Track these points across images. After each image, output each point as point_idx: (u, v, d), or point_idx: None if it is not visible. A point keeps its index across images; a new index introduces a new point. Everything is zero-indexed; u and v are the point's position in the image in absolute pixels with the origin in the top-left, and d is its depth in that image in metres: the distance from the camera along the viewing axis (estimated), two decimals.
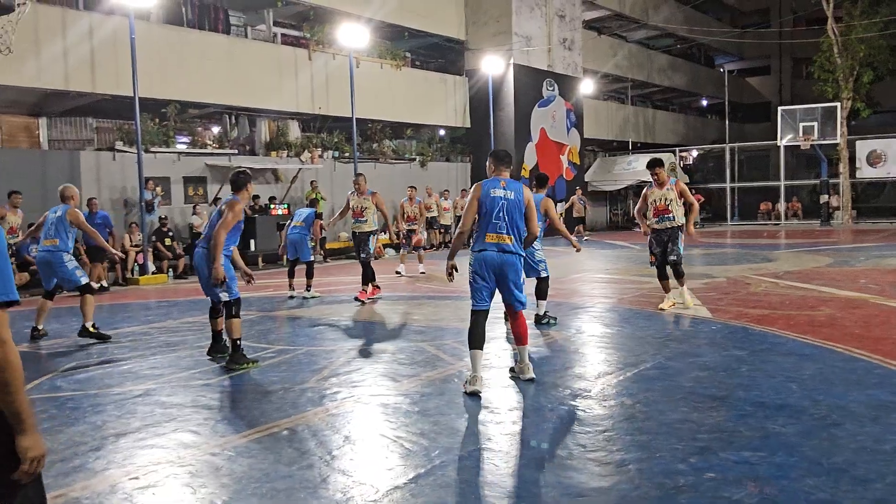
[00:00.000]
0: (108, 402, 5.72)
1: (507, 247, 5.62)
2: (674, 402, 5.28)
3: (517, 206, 5.67)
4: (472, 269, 5.71)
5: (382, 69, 21.91)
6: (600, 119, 31.62)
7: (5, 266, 2.06)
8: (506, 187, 5.68)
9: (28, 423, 2.06)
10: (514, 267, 5.65)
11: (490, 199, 5.64)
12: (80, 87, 15.38)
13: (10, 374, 2.01)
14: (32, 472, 2.09)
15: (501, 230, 5.61)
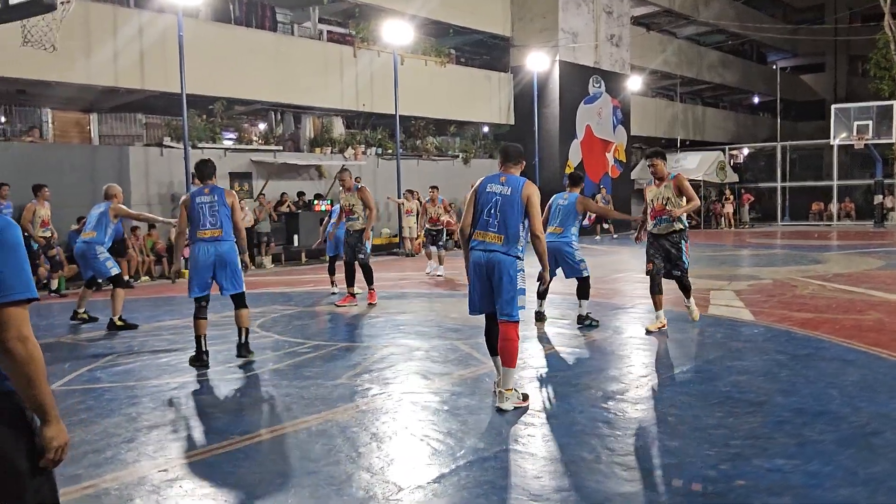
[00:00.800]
0: (145, 394, 5.82)
1: (493, 246, 5.18)
2: (709, 406, 5.17)
3: (512, 203, 5.20)
4: (469, 273, 5.34)
5: (427, 66, 21.92)
6: (648, 116, 31.20)
7: (25, 263, 2.09)
8: (504, 183, 5.28)
9: (51, 413, 2.11)
10: (503, 267, 5.14)
11: (485, 194, 5.28)
12: (130, 83, 15.69)
13: (34, 369, 2.05)
14: (57, 461, 2.14)
15: (491, 228, 5.20)
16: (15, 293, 2.03)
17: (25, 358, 2.02)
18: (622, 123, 27.81)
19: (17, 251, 2.06)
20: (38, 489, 2.12)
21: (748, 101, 41.89)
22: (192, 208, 6.86)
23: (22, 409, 2.09)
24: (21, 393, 2.06)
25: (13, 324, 2.02)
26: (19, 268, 2.06)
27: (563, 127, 25.01)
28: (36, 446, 2.10)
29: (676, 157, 30.82)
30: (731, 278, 12.52)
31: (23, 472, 2.07)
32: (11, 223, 2.10)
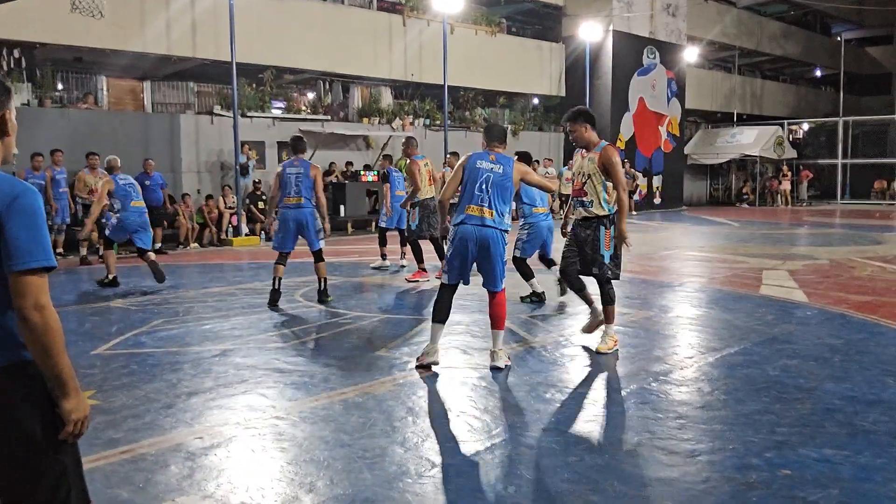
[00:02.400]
0: (186, 360, 5.87)
1: (487, 221, 5.39)
2: (756, 391, 5.00)
3: (504, 180, 5.45)
4: (450, 242, 5.53)
5: (477, 35, 21.64)
6: (704, 89, 30.38)
7: (43, 230, 2.05)
8: (495, 161, 5.50)
9: (70, 385, 2.08)
10: (495, 241, 5.40)
11: (475, 170, 5.45)
12: (182, 52, 15.83)
13: (50, 339, 2.01)
14: (77, 434, 2.11)
15: (483, 203, 5.39)
16: (32, 260, 1.99)
17: (42, 327, 1.99)
18: (677, 96, 27.17)
19: (34, 218, 2.03)
20: (59, 461, 2.10)
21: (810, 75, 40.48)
22: (283, 177, 8.15)
23: (41, 380, 2.07)
24: (38, 363, 2.03)
25: (30, 292, 1.99)
26: (38, 235, 2.02)
27: (616, 99, 24.54)
28: (56, 418, 2.08)
29: (732, 132, 30.05)
30: (786, 258, 12.16)
31: (40, 443, 2.05)
32: (30, 189, 2.06)
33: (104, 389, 5.07)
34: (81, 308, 8.11)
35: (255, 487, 3.52)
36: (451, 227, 5.61)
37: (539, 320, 7.35)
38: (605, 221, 5.95)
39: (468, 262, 5.51)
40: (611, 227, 5.96)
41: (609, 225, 5.96)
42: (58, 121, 14.17)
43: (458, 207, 5.51)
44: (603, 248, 5.98)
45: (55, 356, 2.03)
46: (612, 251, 5.99)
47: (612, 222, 5.95)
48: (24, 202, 2.03)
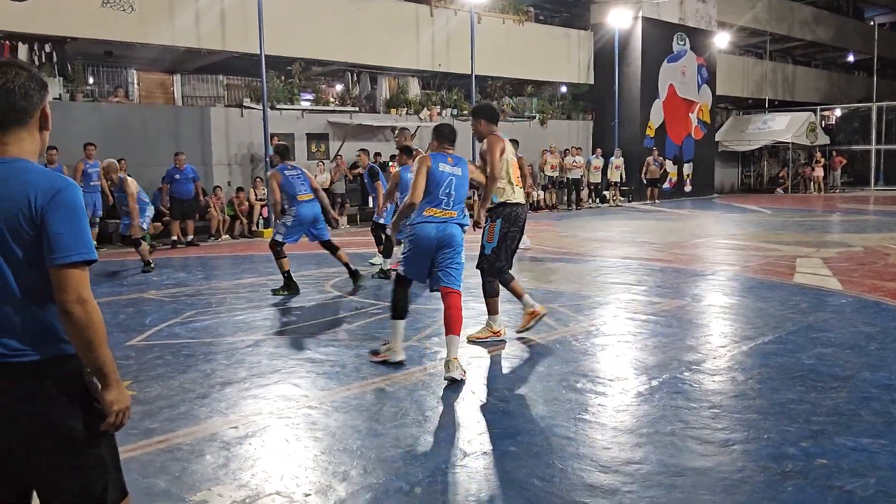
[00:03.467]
0: (220, 351, 5.94)
1: (449, 220, 5.39)
2: (790, 379, 4.94)
3: (463, 182, 5.53)
4: (409, 241, 5.42)
5: (504, 24, 21.51)
6: (735, 75, 29.94)
7: (84, 224, 2.08)
8: (453, 164, 5.50)
9: (112, 377, 2.10)
10: (455, 239, 5.38)
11: (439, 173, 5.40)
12: (211, 45, 15.92)
13: (93, 333, 2.04)
14: (119, 424, 2.14)
15: (447, 206, 5.39)
16: (74, 254, 2.02)
17: (85, 321, 2.02)
18: (707, 82, 26.81)
19: (76, 212, 2.05)
20: (96, 454, 2.13)
21: (843, 60, 39.67)
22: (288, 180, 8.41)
23: (80, 373, 2.10)
24: (81, 356, 2.06)
25: (72, 285, 2.02)
26: (78, 228, 2.05)
27: (645, 86, 24.27)
28: (94, 410, 2.11)
29: (764, 119, 29.61)
30: (820, 245, 11.99)
31: (78, 437, 2.08)
32: (71, 183, 2.09)
33: (140, 380, 5.15)
34: (115, 300, 8.23)
35: (290, 476, 3.56)
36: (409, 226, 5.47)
37: (569, 310, 7.32)
38: (492, 213, 5.98)
39: (426, 262, 5.41)
40: (496, 220, 5.96)
41: (494, 217, 5.97)
42: (89, 115, 14.36)
43: (418, 208, 5.40)
44: (485, 239, 6.02)
45: (98, 349, 2.06)
46: (494, 243, 5.98)
47: (498, 214, 5.95)
48: (65, 196, 2.05)
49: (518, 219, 6.07)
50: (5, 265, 2.03)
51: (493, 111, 6.12)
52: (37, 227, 2.02)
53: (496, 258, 6.01)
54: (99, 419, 2.12)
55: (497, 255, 5.99)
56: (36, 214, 2.02)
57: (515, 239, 6.12)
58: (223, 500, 3.33)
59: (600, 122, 24.70)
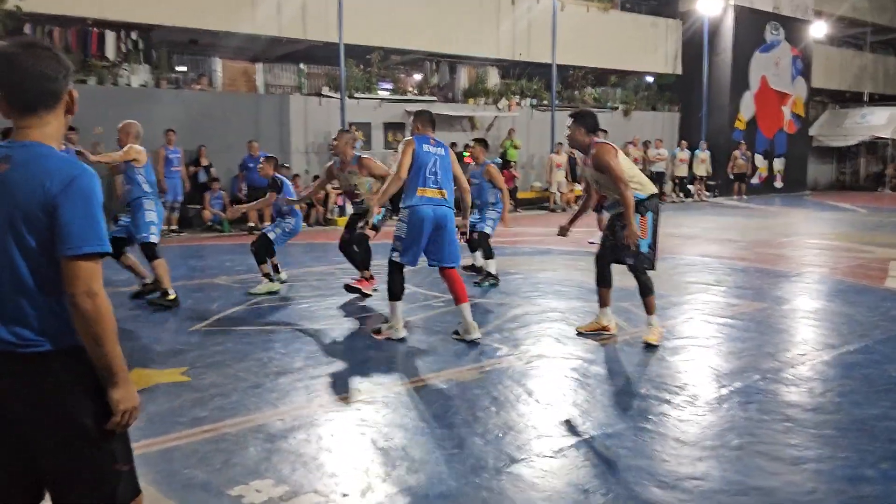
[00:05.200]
0: (279, 339, 5.91)
1: (441, 201, 5.72)
2: (875, 393, 4.56)
3: (447, 163, 5.82)
4: (406, 224, 5.71)
5: (588, 12, 21.01)
6: (832, 67, 28.50)
7: (98, 214, 1.99)
8: (435, 145, 5.84)
9: (120, 375, 2.02)
10: (448, 220, 5.74)
11: (424, 154, 5.72)
12: (292, 34, 16.09)
13: (102, 328, 1.96)
14: (125, 424, 2.06)
15: (434, 185, 5.70)
16: (85, 245, 1.93)
17: (93, 315, 1.93)
18: (802, 74, 25.62)
19: (90, 201, 1.97)
20: (107, 450, 2.05)
21: None
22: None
23: (92, 367, 2.01)
24: (89, 351, 1.98)
25: (83, 278, 1.93)
26: (92, 219, 1.96)
27: (735, 77, 23.36)
28: (107, 406, 2.03)
29: (862, 113, 28.11)
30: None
31: (90, 431, 2.00)
32: (87, 171, 2.00)
33: (196, 367, 5.15)
34: (186, 284, 8.35)
35: (330, 473, 3.46)
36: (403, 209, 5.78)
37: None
38: (640, 208, 5.55)
39: (422, 244, 5.73)
40: (646, 214, 5.59)
41: (644, 211, 5.58)
42: (173, 101, 14.69)
43: (408, 192, 5.72)
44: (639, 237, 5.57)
45: (106, 344, 1.97)
46: (648, 238, 5.61)
47: (648, 208, 5.58)
48: (81, 184, 1.97)
49: (658, 209, 5.80)
50: (19, 254, 1.96)
51: (594, 121, 5.80)
52: (50, 215, 1.94)
53: (654, 255, 5.71)
54: (109, 415, 2.04)
55: (654, 250, 5.72)
56: (49, 202, 1.94)
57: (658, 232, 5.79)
58: (260, 495, 3.25)
59: (687, 114, 23.92)
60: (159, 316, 6.84)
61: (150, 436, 3.90)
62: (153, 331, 6.30)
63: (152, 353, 5.55)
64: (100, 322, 1.94)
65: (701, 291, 7.89)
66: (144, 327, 6.40)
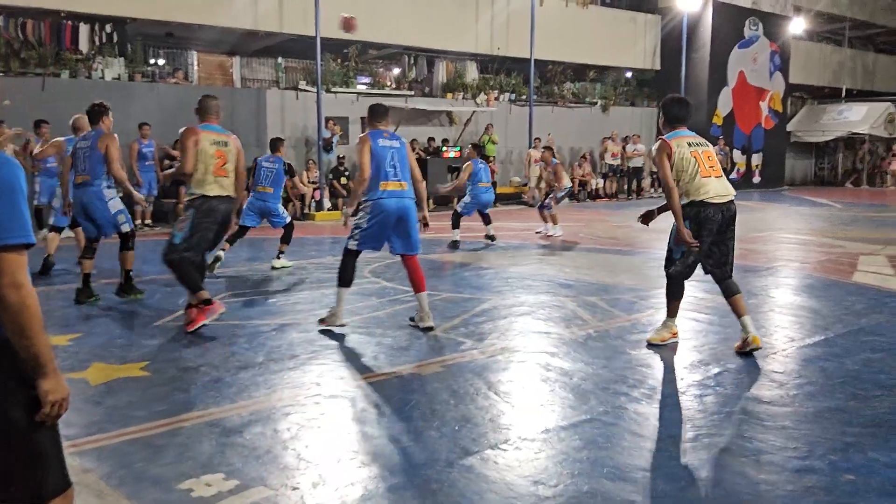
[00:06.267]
0: (243, 334, 5.89)
1: (403, 193, 5.85)
2: (831, 386, 4.62)
3: (403, 154, 5.95)
4: (369, 216, 5.82)
5: (567, 7, 21.00)
6: (811, 63, 28.70)
7: (23, 206, 1.98)
8: (389, 137, 5.96)
9: (48, 366, 2.01)
10: (411, 211, 5.88)
11: (381, 149, 5.82)
12: (269, 27, 16.00)
13: (27, 319, 1.94)
14: (54, 416, 2.05)
15: (395, 178, 5.82)
16: (10, 237, 1.92)
17: (18, 306, 1.92)
18: (780, 70, 25.79)
19: (13, 193, 1.95)
20: (35, 443, 2.04)
21: None
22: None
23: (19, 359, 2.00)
24: (14, 343, 1.96)
25: (7, 270, 1.92)
26: (16, 210, 1.95)
27: (714, 73, 23.47)
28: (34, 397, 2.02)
29: (840, 109, 28.35)
30: (887, 242, 11.35)
31: (18, 424, 1.99)
32: (10, 161, 1.99)
33: (157, 361, 5.13)
34: (155, 279, 8.30)
35: (282, 467, 3.46)
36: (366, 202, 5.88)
37: (607, 304, 7.06)
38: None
39: (385, 234, 5.89)
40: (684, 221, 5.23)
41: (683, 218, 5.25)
42: (147, 95, 14.58)
43: (371, 185, 5.81)
44: (672, 242, 5.38)
45: (32, 336, 1.96)
46: (680, 247, 5.29)
47: (686, 216, 5.20)
48: (2, 175, 1.96)
49: (707, 222, 5.15)
50: None
51: (674, 108, 5.44)
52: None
53: (683, 264, 5.31)
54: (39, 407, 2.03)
55: (684, 262, 5.29)
56: None
57: (704, 244, 5.22)
58: (210, 489, 3.25)
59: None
60: (124, 311, 6.81)
61: (106, 430, 3.89)
62: (117, 326, 6.27)
63: (114, 348, 5.51)
64: (24, 313, 1.93)
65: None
66: (108, 323, 6.37)
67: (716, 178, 5.22)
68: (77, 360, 5.13)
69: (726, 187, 5.27)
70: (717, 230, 5.21)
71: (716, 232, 5.21)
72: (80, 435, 3.79)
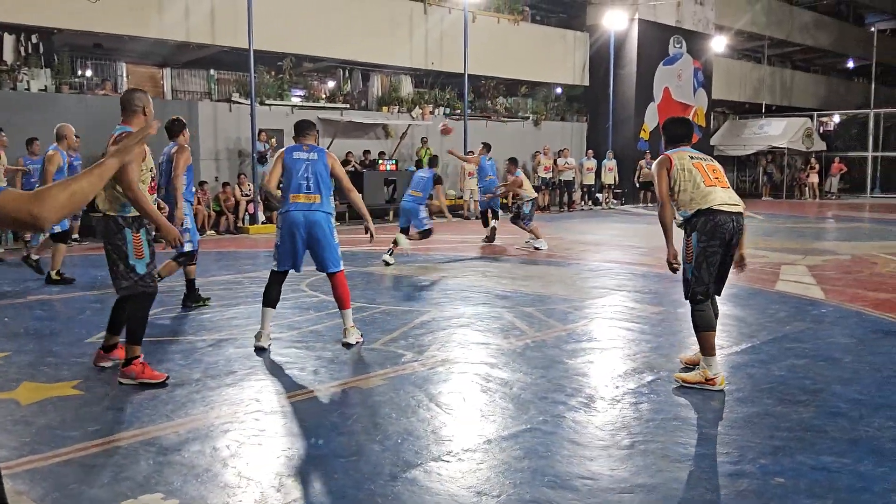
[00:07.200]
0: (178, 350, 5.79)
1: (313, 206, 5.76)
2: (758, 392, 4.81)
3: (321, 166, 5.82)
4: (279, 230, 5.81)
5: (499, 24, 21.35)
6: (732, 79, 29.78)
7: None
8: (308, 150, 5.87)
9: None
10: (320, 226, 5.75)
11: (293, 161, 5.79)
12: (201, 39, 15.77)
13: None
14: None
15: (306, 190, 5.75)
16: None
17: None
18: (703, 86, 26.67)
19: None
20: None
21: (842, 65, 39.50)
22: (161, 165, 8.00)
23: None
24: None
25: None
26: None
27: (640, 89, 24.14)
28: None
29: (760, 124, 29.47)
30: (807, 252, 11.85)
31: None
32: None
33: (90, 379, 5.01)
34: (83, 295, 8.09)
35: (222, 485, 3.42)
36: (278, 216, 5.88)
37: (543, 314, 7.18)
38: (686, 227, 5.04)
39: (299, 249, 5.76)
40: (691, 234, 4.95)
41: (689, 231, 4.98)
42: (75, 107, 14.19)
43: (284, 199, 5.80)
44: (684, 259, 5.01)
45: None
46: (692, 263, 4.95)
47: (693, 227, 4.92)
48: None
49: (719, 229, 4.86)
50: None
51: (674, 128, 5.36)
52: None
53: (697, 282, 4.95)
54: None
55: (698, 279, 4.95)
56: None
57: (717, 254, 4.90)
58: None
59: (595, 125, 24.57)
60: (54, 328, 6.61)
61: (39, 451, 3.78)
62: (47, 343, 6.07)
63: (44, 366, 5.35)
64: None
65: (602, 296, 8.12)
66: (38, 340, 6.17)
67: (721, 188, 4.97)
68: (6, 380, 4.97)
69: (734, 198, 5.00)
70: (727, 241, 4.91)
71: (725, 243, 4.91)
72: (11, 457, 3.68)
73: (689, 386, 4.87)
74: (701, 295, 4.94)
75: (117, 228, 4.82)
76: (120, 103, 5.09)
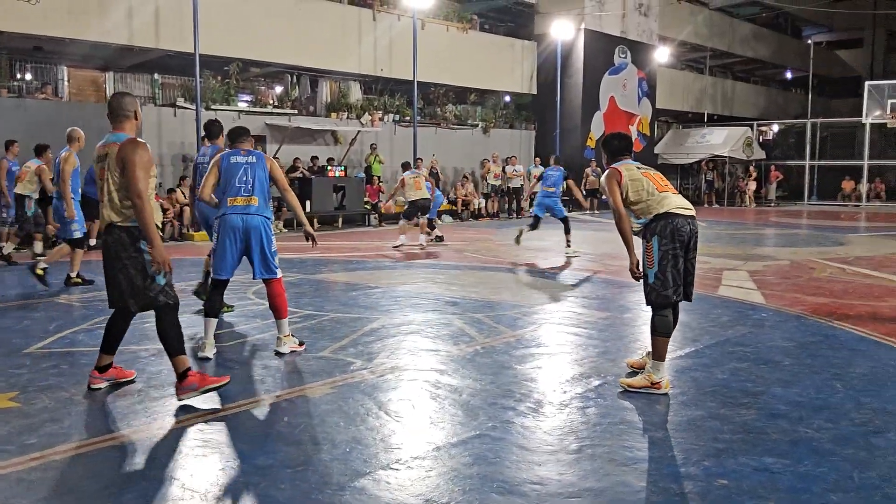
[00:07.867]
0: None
1: (250, 209, 5.67)
2: (702, 395, 4.90)
3: (259, 169, 5.74)
4: (216, 234, 5.76)
5: (448, 32, 21.47)
6: (675, 89, 30.46)
7: None
8: (246, 154, 5.81)
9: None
10: (260, 229, 5.66)
11: (230, 164, 5.73)
12: (144, 42, 15.52)
13: None
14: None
15: (245, 193, 5.67)
16: None
17: None
18: (648, 96, 27.21)
19: None
20: None
21: (781, 77, 40.78)
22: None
23: None
24: None
25: None
26: None
27: (587, 97, 24.50)
28: None
29: (703, 132, 30.16)
30: (748, 258, 12.14)
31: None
32: None
33: (28, 391, 4.85)
34: (24, 304, 7.85)
35: (166, 499, 3.34)
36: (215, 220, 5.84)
37: (492, 321, 7.21)
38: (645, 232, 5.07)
39: (237, 254, 5.70)
40: (652, 239, 4.98)
41: (649, 237, 5.01)
42: (13, 111, 13.79)
43: (221, 203, 5.74)
44: (645, 265, 5.02)
45: None
46: (655, 267, 4.95)
47: (653, 232, 4.98)
48: None
49: (678, 232, 4.94)
50: None
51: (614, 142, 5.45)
52: None
53: (662, 285, 4.97)
54: None
55: (663, 282, 4.95)
56: None
57: (679, 257, 4.94)
58: None
59: (543, 133, 24.83)
60: None
61: None
62: None
63: None
64: None
65: (550, 302, 8.20)
66: None
67: (673, 194, 5.10)
68: None
69: (687, 203, 5.11)
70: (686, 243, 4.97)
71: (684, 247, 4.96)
72: None
73: (635, 391, 4.95)
74: (666, 299, 4.95)
75: (131, 240, 4.54)
76: (108, 110, 4.90)
